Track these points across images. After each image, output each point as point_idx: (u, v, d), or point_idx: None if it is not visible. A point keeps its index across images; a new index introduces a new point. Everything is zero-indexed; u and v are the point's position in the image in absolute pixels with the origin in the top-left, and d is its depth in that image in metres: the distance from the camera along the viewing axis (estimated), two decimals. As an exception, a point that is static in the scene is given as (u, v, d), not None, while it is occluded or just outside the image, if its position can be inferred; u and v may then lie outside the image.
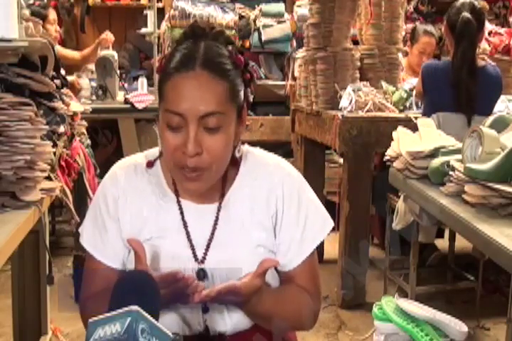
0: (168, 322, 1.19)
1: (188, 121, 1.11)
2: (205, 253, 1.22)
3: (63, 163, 1.95)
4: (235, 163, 1.26)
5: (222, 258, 1.22)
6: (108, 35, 4.14)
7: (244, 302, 1.15)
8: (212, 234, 1.23)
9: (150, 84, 4.28)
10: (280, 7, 5.03)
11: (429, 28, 3.81)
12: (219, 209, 1.24)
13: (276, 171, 1.28)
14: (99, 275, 1.26)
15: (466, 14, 2.72)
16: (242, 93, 1.18)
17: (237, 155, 1.24)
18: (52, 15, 4.08)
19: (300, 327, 1.31)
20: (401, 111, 3.15)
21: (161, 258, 1.21)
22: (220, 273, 1.21)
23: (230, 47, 1.19)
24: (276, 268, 1.29)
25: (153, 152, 1.30)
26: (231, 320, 1.22)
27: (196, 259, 1.22)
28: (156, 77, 4.04)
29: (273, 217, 1.26)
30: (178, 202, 1.25)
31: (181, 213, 1.24)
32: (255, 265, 1.16)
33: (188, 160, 1.12)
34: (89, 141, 2.63)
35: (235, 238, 1.23)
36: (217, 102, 1.12)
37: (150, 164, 1.27)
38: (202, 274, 1.21)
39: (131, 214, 1.24)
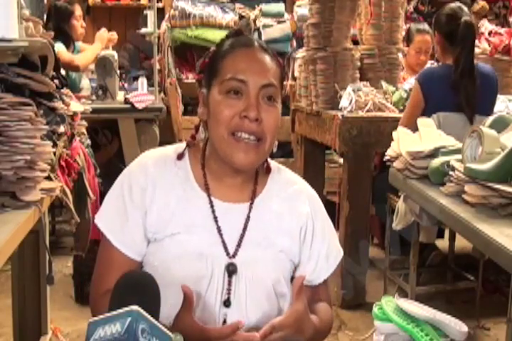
0: None
1: (250, 88, 1.20)
2: (237, 250, 1.23)
3: (63, 163, 1.95)
4: (267, 170, 1.32)
5: (250, 257, 1.23)
6: (114, 35, 4.13)
7: (299, 331, 1.16)
8: (244, 232, 1.25)
9: (150, 84, 4.28)
10: (280, 7, 5.03)
11: (422, 26, 3.80)
12: (250, 208, 1.27)
13: (303, 189, 1.35)
14: (114, 266, 1.23)
15: (467, 18, 2.76)
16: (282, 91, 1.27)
17: (274, 149, 1.29)
18: (78, 11, 4.07)
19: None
20: (401, 111, 3.15)
21: (189, 254, 1.21)
22: (245, 273, 1.22)
23: None
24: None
25: (182, 145, 1.31)
26: (248, 323, 1.21)
27: (228, 254, 1.23)
28: (157, 77, 4.06)
29: (301, 230, 1.30)
30: (209, 197, 1.25)
31: (212, 209, 1.25)
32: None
33: (248, 125, 1.19)
34: (89, 141, 2.63)
35: (263, 239, 1.26)
36: (274, 77, 1.23)
37: (180, 156, 1.28)
38: (232, 269, 1.21)
39: (159, 205, 1.24)
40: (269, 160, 1.33)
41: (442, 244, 3.51)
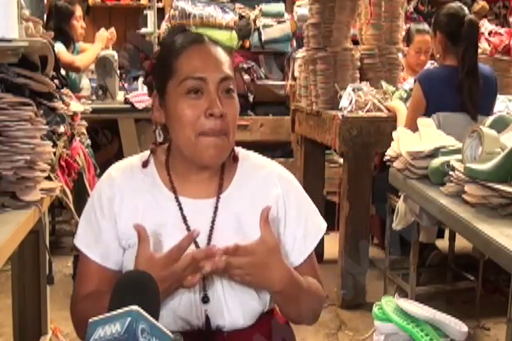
0: (166, 319, 1.20)
1: (210, 85, 1.19)
2: (207, 245, 1.22)
3: (63, 163, 1.95)
4: (234, 160, 1.31)
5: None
6: (112, 34, 4.14)
7: (267, 267, 1.14)
8: (212, 227, 1.24)
9: (150, 84, 4.27)
10: (280, 7, 5.02)
11: (421, 26, 3.79)
12: (217, 203, 1.26)
13: (273, 172, 1.33)
14: (92, 275, 1.26)
15: (472, 16, 2.77)
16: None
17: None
18: (78, 11, 4.08)
19: (311, 320, 1.33)
20: (401, 111, 3.15)
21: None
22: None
23: None
24: None
25: (147, 153, 1.32)
26: (230, 315, 1.22)
27: None
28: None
29: (274, 215, 1.27)
30: (176, 197, 1.26)
31: (180, 209, 1.25)
32: None
33: (214, 122, 1.18)
34: (89, 141, 2.63)
35: (234, 233, 1.24)
36: (229, 68, 1.23)
37: (145, 163, 1.29)
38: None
39: (128, 212, 1.25)
40: (235, 148, 1.32)
41: (442, 244, 3.51)
